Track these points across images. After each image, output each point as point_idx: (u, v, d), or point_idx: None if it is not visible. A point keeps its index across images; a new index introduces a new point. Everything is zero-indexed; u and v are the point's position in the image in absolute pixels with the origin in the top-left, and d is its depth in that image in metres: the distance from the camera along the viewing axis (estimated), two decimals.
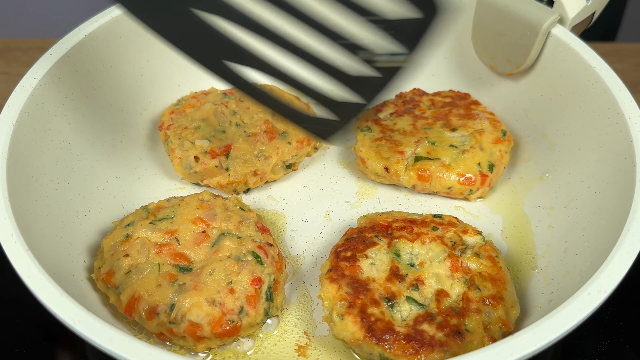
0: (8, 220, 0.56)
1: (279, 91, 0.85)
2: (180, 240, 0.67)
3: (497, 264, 0.65)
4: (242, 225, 0.69)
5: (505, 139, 0.79)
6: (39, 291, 0.51)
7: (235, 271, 0.64)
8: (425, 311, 0.60)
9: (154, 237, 0.68)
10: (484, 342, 0.58)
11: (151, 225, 0.69)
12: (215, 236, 0.68)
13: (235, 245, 0.67)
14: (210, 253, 0.66)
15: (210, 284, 0.62)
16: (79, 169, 0.75)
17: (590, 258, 0.63)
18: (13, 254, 0.53)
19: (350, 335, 0.60)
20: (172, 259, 0.66)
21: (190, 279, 0.63)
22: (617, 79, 0.70)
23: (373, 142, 0.80)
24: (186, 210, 0.70)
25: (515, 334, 0.48)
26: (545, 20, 0.76)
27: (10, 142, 0.63)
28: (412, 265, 0.65)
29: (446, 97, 0.87)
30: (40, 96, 0.70)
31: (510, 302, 0.63)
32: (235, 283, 0.63)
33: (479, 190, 0.77)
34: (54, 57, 0.73)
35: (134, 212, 0.72)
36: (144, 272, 0.64)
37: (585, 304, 0.50)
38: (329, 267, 0.65)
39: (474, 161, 0.76)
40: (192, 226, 0.69)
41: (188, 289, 0.62)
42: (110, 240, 0.68)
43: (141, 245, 0.66)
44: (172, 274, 0.64)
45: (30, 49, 1.17)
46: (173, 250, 0.66)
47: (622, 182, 0.64)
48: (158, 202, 0.73)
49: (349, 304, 0.61)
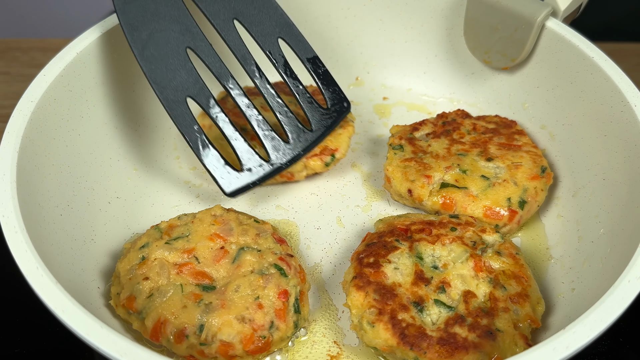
0: (30, 254, 0.53)
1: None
2: (200, 258, 0.66)
3: (518, 261, 0.66)
4: (260, 238, 0.68)
5: (544, 176, 0.75)
6: (77, 325, 0.48)
7: (261, 285, 0.63)
8: (454, 313, 0.60)
9: (172, 257, 0.65)
10: (516, 341, 0.59)
11: (167, 245, 0.67)
12: (235, 251, 0.66)
13: (257, 259, 0.66)
14: (232, 269, 0.65)
15: (238, 301, 0.61)
16: (80, 192, 0.72)
17: (609, 244, 0.65)
18: (41, 289, 0.51)
19: (383, 343, 0.59)
20: (193, 278, 0.64)
21: (216, 297, 0.62)
22: (617, 68, 0.71)
23: (402, 162, 0.77)
24: (201, 227, 0.69)
25: (568, 327, 0.48)
26: (539, 14, 0.77)
27: (17, 170, 0.60)
28: (436, 267, 0.65)
29: (490, 123, 0.83)
30: (38, 120, 0.67)
31: (536, 299, 0.63)
32: (263, 298, 0.62)
33: (507, 226, 0.72)
34: (49, 78, 0.69)
35: (146, 233, 0.69)
36: (167, 294, 0.62)
37: (627, 291, 0.51)
38: (353, 274, 0.64)
39: (504, 195, 0.72)
40: (210, 243, 0.67)
41: (215, 308, 0.60)
42: (125, 264, 0.65)
43: (160, 266, 0.64)
44: (196, 293, 0.62)
45: (30, 49, 1.13)
46: (194, 269, 0.65)
47: (634, 168, 0.65)
48: (169, 220, 0.71)
49: (378, 311, 0.60)
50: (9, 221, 0.55)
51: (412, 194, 0.75)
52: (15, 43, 1.15)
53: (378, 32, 0.94)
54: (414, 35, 0.93)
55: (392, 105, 0.94)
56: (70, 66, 0.72)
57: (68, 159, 0.72)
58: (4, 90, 1.03)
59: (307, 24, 0.93)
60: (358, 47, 0.96)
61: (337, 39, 0.95)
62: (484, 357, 0.57)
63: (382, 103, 0.94)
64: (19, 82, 1.05)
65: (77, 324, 0.48)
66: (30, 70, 0.67)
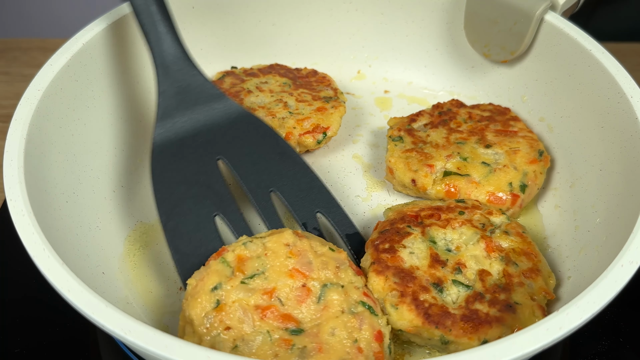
0: (37, 236, 0.54)
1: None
2: (282, 300, 0.59)
3: (526, 239, 0.68)
4: (340, 271, 0.63)
5: (541, 159, 0.77)
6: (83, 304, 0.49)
7: (356, 327, 0.58)
8: (473, 291, 0.62)
9: (252, 300, 0.59)
10: (534, 311, 0.61)
11: (243, 285, 0.60)
12: (319, 289, 0.61)
13: (342, 297, 0.60)
14: (319, 309, 0.59)
15: (336, 345, 0.56)
16: (85, 180, 0.73)
17: (605, 233, 0.66)
18: (48, 269, 0.52)
19: (408, 324, 0.60)
20: (280, 323, 0.58)
21: (310, 340, 0.56)
22: (614, 60, 0.72)
23: (403, 153, 0.78)
24: (277, 262, 0.62)
25: (561, 309, 0.49)
26: (538, 7, 0.78)
27: (24, 156, 0.61)
28: (450, 250, 0.66)
29: (485, 111, 0.85)
30: (45, 108, 0.68)
31: (547, 273, 0.65)
32: (361, 341, 0.57)
33: (510, 210, 0.74)
34: (55, 68, 0.71)
35: (213, 269, 0.61)
36: (255, 343, 0.56)
37: (620, 275, 0.52)
38: (371, 260, 0.65)
39: (506, 180, 0.74)
40: (290, 280, 0.61)
41: (312, 354, 0.55)
42: (198, 309, 0.58)
43: (243, 312, 0.58)
44: (285, 339, 0.57)
45: (30, 49, 1.14)
46: (278, 312, 0.58)
47: (630, 159, 0.66)
48: (235, 249, 0.63)
49: (400, 293, 0.61)
50: (16, 204, 0.57)
51: (416, 183, 0.76)
52: (15, 43, 1.16)
53: (380, 26, 0.95)
54: (415, 29, 0.94)
55: (393, 98, 0.95)
56: (76, 56, 0.74)
57: (74, 147, 0.73)
58: (4, 90, 1.04)
59: (309, 17, 0.94)
60: (360, 40, 0.97)
61: (339, 33, 0.96)
62: (507, 329, 0.59)
63: (383, 96, 0.96)
64: (19, 82, 1.06)
65: (83, 303, 0.49)
66: (30, 70, 0.68)
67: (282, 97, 0.86)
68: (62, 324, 0.71)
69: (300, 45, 0.97)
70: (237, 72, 0.92)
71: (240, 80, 0.89)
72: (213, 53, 0.93)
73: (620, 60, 0.72)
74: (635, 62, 1.09)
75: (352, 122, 0.91)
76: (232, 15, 0.92)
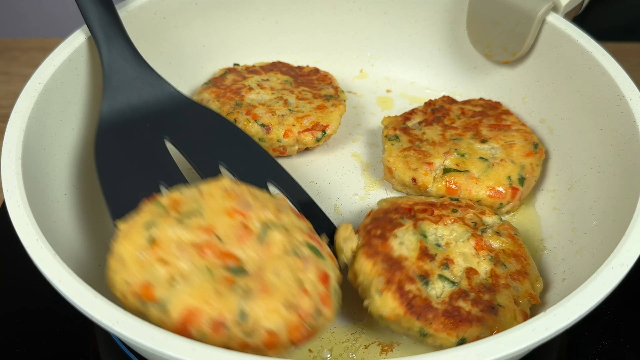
0: (31, 227, 0.55)
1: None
2: (221, 237, 0.57)
3: (517, 241, 0.68)
4: (281, 214, 0.61)
5: (537, 152, 0.78)
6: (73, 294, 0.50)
7: (301, 268, 0.56)
8: (458, 288, 0.62)
9: (189, 237, 0.56)
10: (516, 316, 0.61)
11: (179, 223, 0.57)
12: (259, 229, 0.58)
13: (286, 238, 0.58)
14: (262, 249, 0.57)
15: (280, 286, 0.54)
16: (85, 174, 0.74)
17: (601, 236, 0.65)
18: (40, 259, 0.53)
19: (390, 311, 0.60)
20: (220, 260, 0.55)
21: (253, 282, 0.54)
22: (615, 63, 0.72)
23: (401, 152, 0.78)
24: (214, 202, 0.59)
25: (548, 310, 0.49)
26: (540, 8, 0.78)
27: (22, 148, 0.62)
28: (439, 245, 0.66)
29: (476, 106, 0.86)
30: (45, 101, 0.69)
31: (534, 276, 0.65)
32: (306, 282, 0.55)
33: (510, 204, 0.75)
34: (57, 62, 0.72)
35: (145, 209, 0.59)
36: (194, 280, 0.53)
37: (610, 277, 0.52)
38: (362, 242, 0.65)
39: (504, 174, 0.75)
40: (229, 219, 0.58)
41: (256, 294, 0.53)
42: (130, 246, 0.55)
43: (179, 248, 0.55)
44: (227, 277, 0.54)
45: (30, 49, 1.15)
46: (217, 249, 0.56)
47: (627, 161, 0.66)
48: (171, 194, 0.60)
49: (386, 279, 0.62)
50: (12, 195, 0.57)
51: (416, 182, 0.76)
52: (15, 43, 1.17)
53: (382, 25, 0.95)
54: (417, 29, 0.94)
55: (395, 97, 0.95)
56: (78, 51, 0.74)
57: (74, 141, 0.74)
58: (4, 90, 1.05)
59: (312, 16, 0.95)
60: (362, 40, 0.97)
61: (342, 32, 0.97)
62: (486, 330, 0.59)
63: (385, 95, 0.96)
64: (19, 82, 1.06)
65: (73, 293, 0.50)
66: (30, 70, 0.69)
67: (282, 95, 0.86)
68: (61, 319, 0.72)
69: (303, 44, 0.97)
70: (239, 69, 0.92)
71: (242, 77, 0.90)
72: (216, 50, 0.93)
73: (620, 60, 0.72)
74: (635, 62, 1.08)
75: (352, 121, 0.91)
76: (235, 12, 0.92)
